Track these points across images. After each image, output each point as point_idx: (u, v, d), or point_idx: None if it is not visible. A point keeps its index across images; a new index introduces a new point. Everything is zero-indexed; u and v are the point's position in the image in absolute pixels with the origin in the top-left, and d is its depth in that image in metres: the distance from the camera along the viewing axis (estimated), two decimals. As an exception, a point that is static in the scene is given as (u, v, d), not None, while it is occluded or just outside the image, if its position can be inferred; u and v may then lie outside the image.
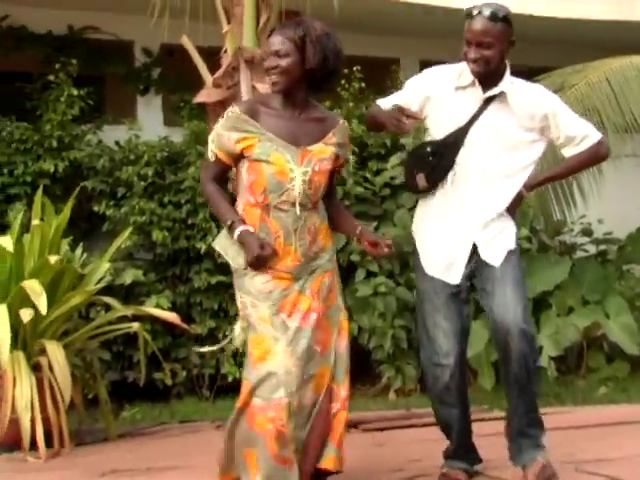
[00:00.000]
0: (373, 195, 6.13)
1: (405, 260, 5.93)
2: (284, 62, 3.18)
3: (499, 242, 3.44)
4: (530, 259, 6.27)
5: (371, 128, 3.75)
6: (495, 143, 3.40)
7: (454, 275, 3.45)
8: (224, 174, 3.36)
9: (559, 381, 5.91)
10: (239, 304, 3.29)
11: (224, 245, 3.30)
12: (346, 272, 6.04)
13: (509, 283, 3.39)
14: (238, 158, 3.24)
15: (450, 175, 3.42)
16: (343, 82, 6.43)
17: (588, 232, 7.17)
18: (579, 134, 3.49)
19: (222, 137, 3.22)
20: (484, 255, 3.43)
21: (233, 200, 3.32)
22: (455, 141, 3.40)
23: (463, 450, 3.60)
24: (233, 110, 3.23)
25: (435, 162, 3.42)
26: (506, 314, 3.35)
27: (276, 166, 3.18)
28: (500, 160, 3.41)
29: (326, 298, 3.31)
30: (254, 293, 3.22)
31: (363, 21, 6.87)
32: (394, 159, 6.06)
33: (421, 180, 3.47)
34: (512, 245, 3.46)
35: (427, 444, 4.22)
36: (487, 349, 5.80)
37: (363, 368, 6.06)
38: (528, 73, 6.43)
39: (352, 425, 4.69)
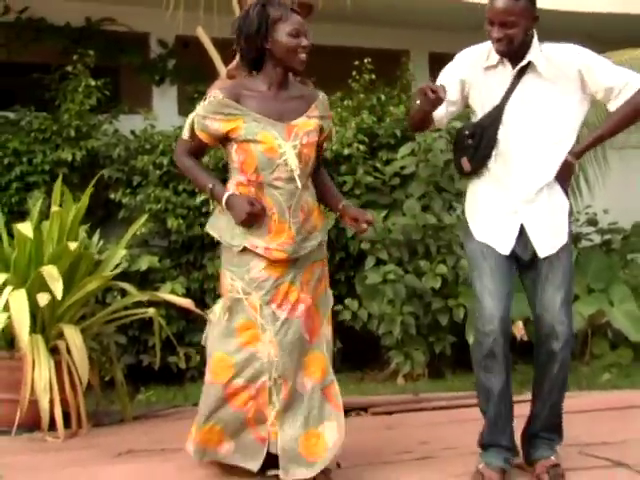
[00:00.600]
0: (383, 184, 6.11)
1: (414, 248, 5.93)
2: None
3: (550, 231, 3.35)
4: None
5: (415, 126, 3.58)
6: (533, 114, 3.31)
7: (504, 246, 3.35)
8: (201, 151, 3.42)
9: (564, 367, 5.89)
10: (227, 286, 3.31)
11: (218, 227, 3.34)
12: (356, 260, 6.04)
13: (558, 282, 3.33)
14: (221, 140, 3.29)
15: (493, 154, 3.36)
16: (354, 74, 6.41)
17: (593, 222, 7.15)
18: (618, 83, 3.31)
19: (205, 119, 3.25)
20: (535, 243, 3.33)
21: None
22: (492, 121, 3.34)
23: (502, 434, 3.38)
24: (215, 95, 3.26)
25: (475, 144, 3.37)
26: (553, 318, 3.30)
27: (264, 144, 3.20)
28: (541, 129, 3.31)
29: (315, 287, 3.35)
30: (247, 280, 3.25)
31: (374, 14, 6.84)
32: (404, 149, 6.03)
33: (465, 164, 3.42)
34: (564, 238, 3.36)
35: (435, 427, 4.23)
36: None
37: (372, 354, 6.07)
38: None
39: (362, 409, 4.71)
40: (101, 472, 3.59)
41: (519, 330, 5.82)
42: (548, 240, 3.35)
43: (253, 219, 3.19)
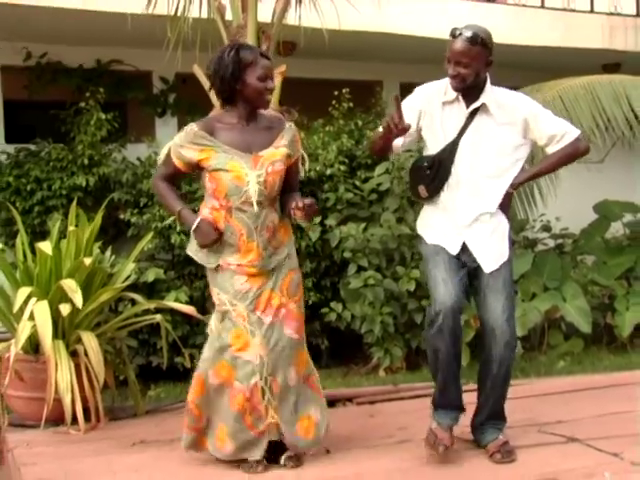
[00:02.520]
0: (362, 200, 6.14)
1: (391, 256, 5.94)
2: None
3: (491, 249, 3.38)
4: (498, 253, 6.30)
5: (375, 152, 3.61)
6: (482, 151, 3.35)
7: (453, 248, 3.40)
8: (175, 176, 3.41)
9: (524, 357, 5.93)
10: (216, 300, 3.32)
11: (194, 250, 3.36)
12: (340, 267, 6.06)
13: (499, 291, 3.35)
14: (194, 167, 3.30)
15: (447, 184, 3.40)
16: (334, 102, 6.45)
17: (547, 228, 7.20)
18: (559, 132, 3.40)
19: (181, 148, 3.26)
20: (479, 260, 3.37)
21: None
22: (448, 155, 3.37)
23: (451, 394, 3.46)
24: (191, 127, 3.27)
25: (432, 174, 3.39)
26: (495, 322, 3.33)
27: (233, 172, 3.20)
28: (488, 164, 3.36)
29: (295, 293, 3.36)
30: (232, 293, 3.26)
31: (350, 50, 6.88)
32: (379, 168, 6.07)
33: (422, 191, 3.46)
34: (505, 256, 3.40)
35: (413, 414, 4.24)
36: (463, 330, 5.80)
37: (356, 350, 6.07)
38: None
39: (348, 399, 4.71)
40: (118, 460, 3.62)
41: (475, 320, 5.84)
42: (491, 257, 3.38)
43: (213, 243, 3.23)
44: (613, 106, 5.80)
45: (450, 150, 3.37)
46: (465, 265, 3.42)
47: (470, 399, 3.59)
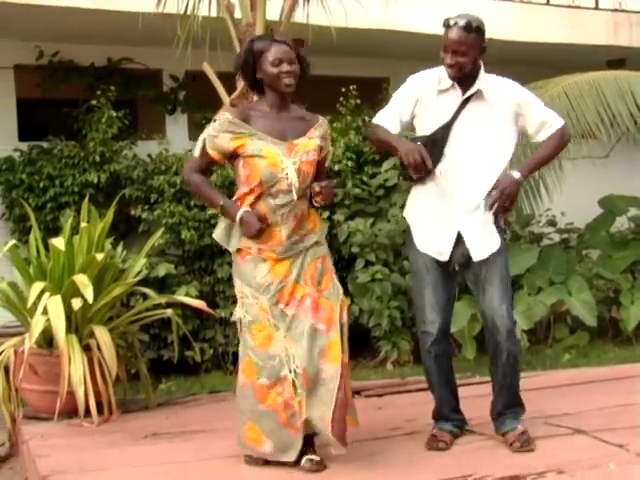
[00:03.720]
0: (369, 195, 6.14)
1: (398, 251, 5.94)
2: (296, 68, 3.23)
3: (482, 238, 3.36)
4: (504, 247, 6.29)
5: (379, 148, 3.68)
6: (476, 135, 3.34)
7: (443, 253, 3.39)
8: (208, 168, 3.38)
9: (530, 350, 5.93)
10: (238, 293, 3.27)
11: (218, 233, 3.31)
12: (347, 262, 6.07)
13: (495, 283, 3.35)
14: (230, 156, 3.23)
15: (439, 166, 3.35)
16: (341, 99, 6.44)
17: (553, 223, 7.18)
18: (549, 119, 3.42)
19: (215, 138, 3.20)
20: (470, 248, 3.35)
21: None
22: (441, 137, 3.34)
23: (448, 410, 3.58)
24: (225, 116, 3.21)
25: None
26: (494, 313, 3.34)
27: (268, 159, 3.16)
28: (482, 149, 3.34)
29: (320, 282, 3.24)
30: (255, 286, 3.19)
31: (358, 46, 6.87)
32: (387, 164, 6.07)
33: (412, 172, 3.39)
34: (496, 245, 3.37)
35: (420, 406, 4.23)
36: (469, 325, 5.82)
37: (364, 344, 6.08)
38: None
39: (356, 392, 4.71)
40: (130, 452, 3.63)
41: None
42: (481, 246, 3.36)
43: (260, 233, 3.17)
44: (618, 102, 5.78)
45: (443, 132, 3.34)
46: (454, 269, 3.41)
47: (481, 391, 3.59)
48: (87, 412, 4.08)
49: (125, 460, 3.52)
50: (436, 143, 3.34)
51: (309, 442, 3.24)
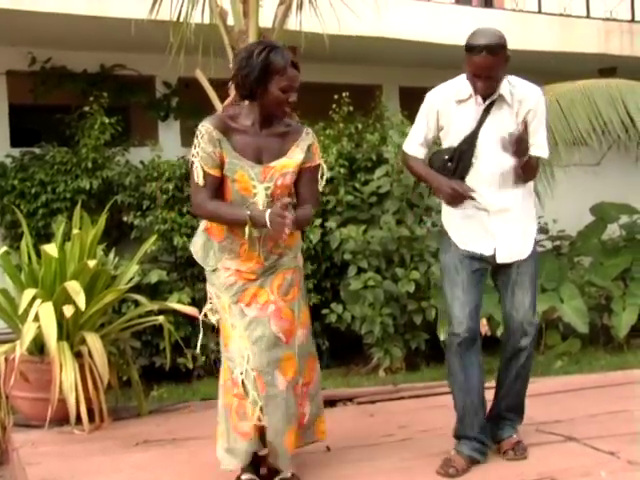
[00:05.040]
0: (362, 202, 6.14)
1: (390, 257, 5.95)
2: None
3: (517, 240, 3.34)
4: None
5: (415, 177, 3.72)
6: (500, 139, 3.31)
7: (486, 248, 3.34)
8: (216, 189, 3.08)
9: (522, 357, 5.92)
10: (208, 293, 3.23)
11: (196, 248, 3.22)
12: (340, 269, 6.07)
13: (527, 287, 3.35)
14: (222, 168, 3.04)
15: (469, 176, 3.34)
16: (334, 106, 6.45)
17: (545, 230, 7.19)
18: (542, 142, 3.39)
19: (209, 154, 3.02)
20: (505, 250, 3.32)
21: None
22: (468, 146, 3.31)
23: (471, 424, 3.35)
24: (207, 128, 3.03)
25: (453, 167, 3.33)
26: (524, 317, 3.35)
27: (240, 183, 3.04)
28: (508, 154, 3.30)
29: (287, 293, 3.14)
30: (217, 285, 3.13)
31: (350, 54, 6.89)
32: (379, 171, 6.08)
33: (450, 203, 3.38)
34: (530, 247, 3.38)
35: (412, 413, 4.25)
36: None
37: (356, 351, 6.08)
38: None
39: (348, 399, 4.71)
40: (122, 459, 3.62)
41: (483, 326, 5.85)
42: (516, 248, 3.35)
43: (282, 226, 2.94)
44: (609, 110, 5.81)
45: (470, 142, 3.31)
46: (485, 267, 3.39)
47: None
48: (78, 419, 4.06)
49: (117, 467, 3.51)
50: (463, 154, 3.33)
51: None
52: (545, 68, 7.39)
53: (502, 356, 3.51)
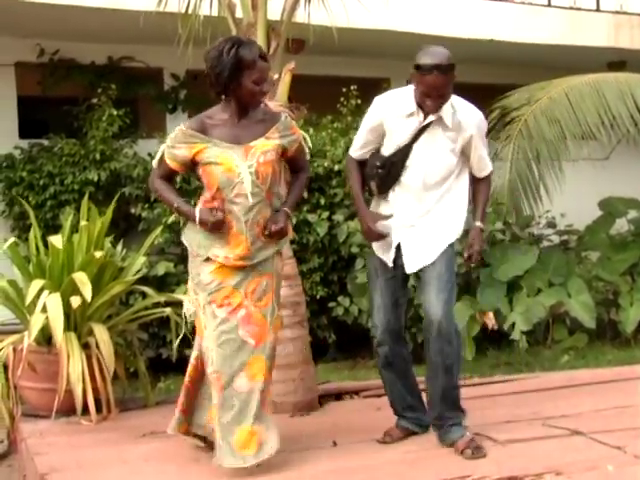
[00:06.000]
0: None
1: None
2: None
3: (418, 250, 3.43)
4: (504, 248, 6.30)
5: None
6: (431, 158, 3.40)
7: (389, 259, 3.48)
8: (170, 176, 3.38)
9: (529, 351, 5.93)
10: (189, 285, 3.34)
11: (188, 238, 3.30)
12: (347, 262, 6.07)
13: (433, 284, 3.38)
14: (189, 166, 3.26)
15: (396, 186, 3.45)
16: (342, 99, 6.44)
17: (552, 224, 7.19)
18: (486, 160, 3.52)
19: (172, 149, 3.23)
20: (405, 261, 3.43)
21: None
22: (401, 158, 3.41)
23: (400, 408, 3.63)
24: (180, 128, 3.24)
25: (384, 174, 3.44)
26: (432, 314, 3.35)
27: (224, 165, 3.14)
28: (434, 170, 3.41)
29: (260, 299, 3.21)
30: (196, 282, 3.23)
31: (358, 47, 6.88)
32: (386, 165, 6.06)
33: (373, 187, 3.52)
34: (437, 253, 3.41)
35: (418, 406, 4.23)
36: (469, 325, 5.82)
37: (363, 344, 6.08)
38: (501, 90, 6.49)
39: (354, 392, 4.71)
40: (128, 450, 3.63)
41: (490, 319, 5.85)
42: (414, 259, 3.44)
43: (218, 226, 3.14)
44: (618, 104, 5.79)
45: (402, 154, 3.41)
46: (401, 273, 3.49)
47: (480, 392, 3.57)
48: (85, 410, 4.08)
49: (123, 458, 3.52)
50: (394, 165, 3.43)
51: None
52: (554, 62, 7.37)
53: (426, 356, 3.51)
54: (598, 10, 7.87)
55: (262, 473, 3.22)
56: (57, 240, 4.37)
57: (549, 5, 7.71)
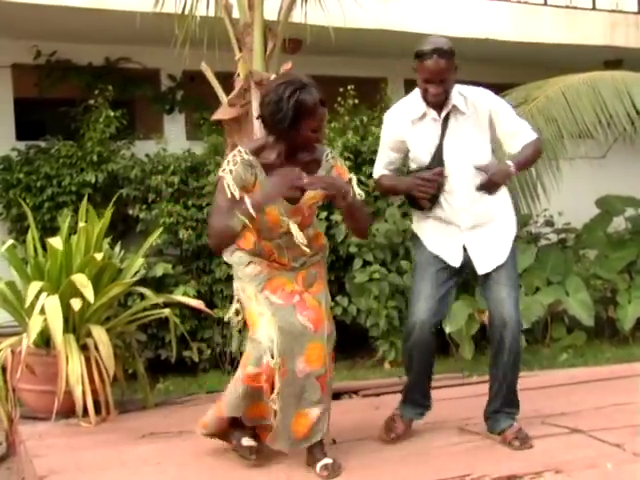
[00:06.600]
0: (367, 195, 6.11)
1: (395, 250, 5.95)
2: None
3: (488, 251, 3.42)
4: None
5: (389, 194, 3.94)
6: (463, 150, 3.37)
7: (454, 260, 3.44)
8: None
9: (528, 350, 5.92)
10: (235, 291, 3.28)
11: (228, 256, 3.25)
12: (345, 262, 6.07)
13: (506, 284, 3.39)
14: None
15: (444, 192, 3.42)
16: (339, 99, 6.44)
17: (550, 223, 7.20)
18: (522, 130, 3.42)
19: (240, 176, 3.06)
20: (475, 263, 3.42)
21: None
22: (437, 164, 3.38)
23: (416, 392, 3.61)
24: (244, 153, 3.08)
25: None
26: (504, 312, 3.36)
27: (270, 217, 3.11)
28: (470, 162, 3.37)
29: (311, 285, 3.22)
30: (243, 278, 3.19)
31: (355, 46, 6.88)
32: (384, 164, 6.06)
33: (425, 204, 3.44)
34: (506, 254, 3.41)
35: (416, 406, 4.23)
36: (467, 324, 5.82)
37: (362, 343, 6.08)
38: (498, 89, 6.48)
39: (353, 392, 4.72)
40: (128, 451, 3.63)
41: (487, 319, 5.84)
42: (486, 260, 3.42)
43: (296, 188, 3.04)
44: (615, 102, 5.79)
45: (437, 159, 3.39)
46: (459, 271, 3.47)
47: (479, 391, 3.58)
48: (85, 412, 4.08)
49: (123, 460, 3.52)
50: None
51: (317, 448, 3.23)
52: (550, 61, 7.38)
53: (491, 354, 3.53)
54: (594, 9, 7.88)
55: (261, 473, 3.22)
56: (56, 242, 4.37)
57: (545, 4, 7.71)
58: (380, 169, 3.59)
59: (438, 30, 6.89)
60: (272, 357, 3.06)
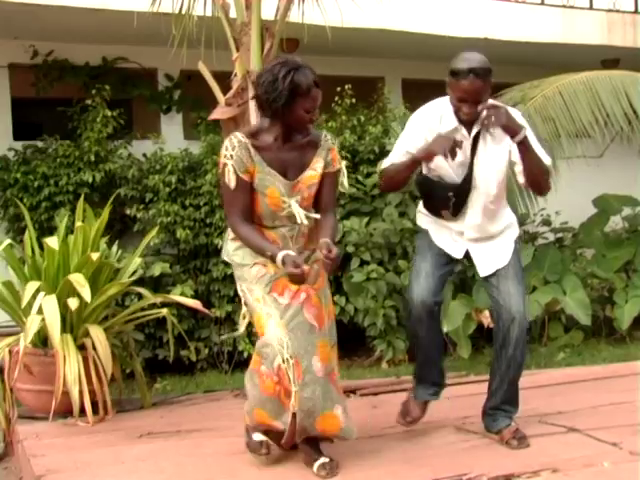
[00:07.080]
0: (364, 194, 6.14)
1: (393, 250, 5.96)
2: None
3: (491, 257, 3.44)
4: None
5: (391, 188, 3.71)
6: (491, 170, 3.36)
7: (457, 253, 3.48)
8: (249, 199, 3.14)
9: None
10: (240, 293, 3.25)
11: (229, 254, 3.26)
12: (342, 261, 6.06)
13: (513, 278, 3.40)
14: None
15: (467, 206, 3.41)
16: (337, 98, 6.45)
17: (547, 222, 7.20)
18: (540, 153, 3.35)
19: (241, 158, 3.07)
20: (477, 266, 3.45)
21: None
22: (469, 183, 3.36)
23: (428, 372, 3.59)
24: (241, 137, 3.09)
25: (456, 201, 3.39)
26: (510, 306, 3.36)
27: (271, 198, 3.12)
28: (496, 181, 3.37)
29: (315, 281, 3.22)
30: (249, 280, 3.17)
31: (353, 46, 6.88)
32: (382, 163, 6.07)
33: (447, 215, 3.44)
34: (509, 255, 3.43)
35: (414, 405, 4.24)
36: (464, 324, 5.83)
37: (359, 343, 6.09)
38: (495, 88, 6.49)
39: (351, 391, 4.72)
40: (125, 451, 3.63)
41: (486, 318, 5.86)
42: (488, 265, 3.45)
43: (299, 278, 3.03)
44: (612, 101, 5.80)
45: (469, 178, 3.36)
46: (459, 260, 3.52)
47: (476, 390, 3.59)
48: (82, 412, 4.08)
49: (120, 459, 3.52)
50: (464, 189, 3.37)
51: (314, 447, 3.24)
52: (548, 60, 7.39)
53: (494, 347, 3.53)
54: (591, 8, 7.88)
55: (259, 472, 3.23)
56: (53, 241, 4.36)
57: (542, 3, 7.72)
58: (392, 160, 3.47)
59: (434, 30, 6.95)
60: (283, 361, 3.05)
